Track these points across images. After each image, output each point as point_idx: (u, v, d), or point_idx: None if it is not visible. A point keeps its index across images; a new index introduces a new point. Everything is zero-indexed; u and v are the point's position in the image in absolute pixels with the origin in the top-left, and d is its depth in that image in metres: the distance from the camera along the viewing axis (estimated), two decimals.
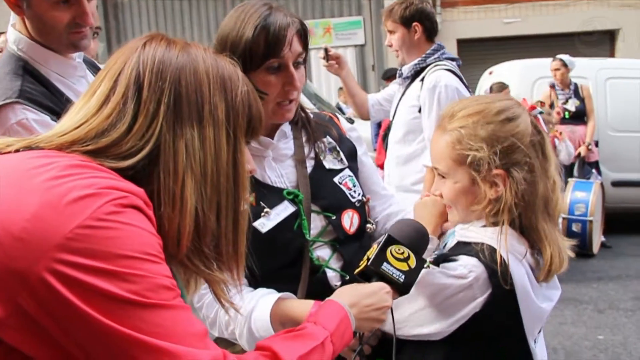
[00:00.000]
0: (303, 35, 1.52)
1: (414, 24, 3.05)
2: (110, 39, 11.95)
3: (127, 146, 0.90)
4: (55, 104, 1.61)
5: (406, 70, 3.15)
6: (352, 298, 1.20)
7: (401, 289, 1.25)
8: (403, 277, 1.24)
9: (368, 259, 1.25)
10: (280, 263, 1.49)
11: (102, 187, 0.82)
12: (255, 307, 1.40)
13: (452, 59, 3.10)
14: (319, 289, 1.46)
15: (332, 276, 1.55)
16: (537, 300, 1.34)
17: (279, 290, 1.45)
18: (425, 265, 1.29)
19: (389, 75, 7.88)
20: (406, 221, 1.38)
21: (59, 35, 1.60)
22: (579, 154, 6.39)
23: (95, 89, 0.95)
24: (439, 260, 1.37)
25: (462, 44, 11.17)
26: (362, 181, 1.71)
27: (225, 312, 1.47)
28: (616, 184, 6.77)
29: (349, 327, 1.14)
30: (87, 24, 1.61)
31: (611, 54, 11.27)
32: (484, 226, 1.38)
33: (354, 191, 1.61)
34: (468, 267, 1.31)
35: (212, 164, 0.94)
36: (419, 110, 2.98)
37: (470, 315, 1.30)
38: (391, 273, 1.23)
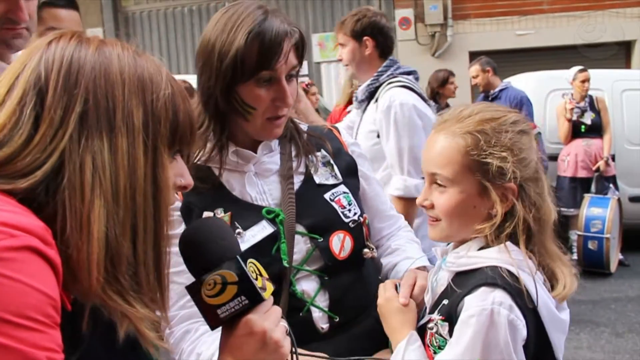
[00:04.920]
0: (301, 47, 1.36)
1: (365, 38, 2.80)
2: None
3: (25, 161, 0.74)
4: None
5: (360, 93, 2.89)
6: (231, 354, 0.93)
7: (254, 303, 0.95)
8: (244, 298, 0.93)
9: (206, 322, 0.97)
10: None
11: None
12: (214, 354, 1.22)
13: (408, 73, 2.84)
14: (303, 331, 1.25)
15: (319, 317, 1.35)
16: (558, 313, 1.21)
17: None
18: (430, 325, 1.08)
19: None
20: (180, 243, 0.99)
21: None
22: (597, 168, 6.18)
23: None
24: (452, 310, 1.18)
25: (475, 56, 11.01)
26: (367, 200, 1.54)
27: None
28: (634, 199, 6.51)
29: None
30: (20, 20, 1.46)
31: (627, 65, 11.04)
32: (482, 247, 1.22)
33: (349, 210, 1.42)
34: (496, 299, 1.13)
35: (126, 180, 0.79)
36: (378, 135, 2.72)
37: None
38: (233, 309, 0.93)
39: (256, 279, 0.96)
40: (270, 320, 0.96)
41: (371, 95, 2.84)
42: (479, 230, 1.22)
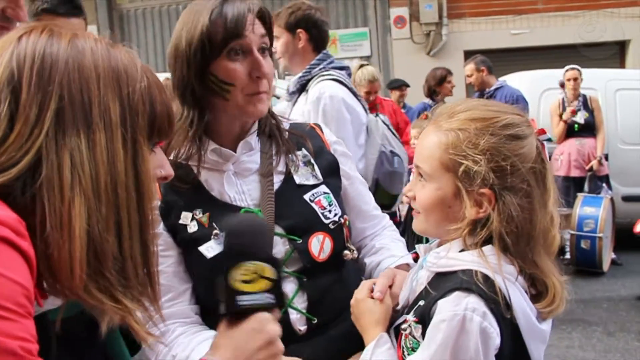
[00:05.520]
0: (267, 18, 1.37)
1: (299, 31, 2.80)
2: None
3: (0, 160, 0.74)
4: None
5: (292, 85, 2.88)
6: (229, 351, 0.97)
7: (278, 305, 1.03)
8: (272, 296, 1.01)
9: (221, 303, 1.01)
10: None
11: None
12: (190, 356, 1.21)
13: (341, 68, 2.84)
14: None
15: (296, 318, 1.33)
16: (537, 322, 1.17)
17: None
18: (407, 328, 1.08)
19: (394, 86, 7.73)
20: (234, 223, 1.11)
21: None
22: (591, 168, 6.19)
23: None
24: (425, 313, 1.15)
25: (470, 55, 10.99)
26: (350, 200, 1.52)
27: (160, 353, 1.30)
28: (627, 198, 6.55)
29: None
30: (18, 19, 1.37)
31: (621, 65, 11.06)
32: (463, 250, 1.18)
33: (329, 211, 1.40)
34: (469, 305, 1.09)
35: (106, 176, 0.78)
36: None
37: None
38: (256, 302, 0.98)
39: None
40: (279, 329, 1.00)
41: (302, 87, 2.82)
42: (451, 231, 1.19)
